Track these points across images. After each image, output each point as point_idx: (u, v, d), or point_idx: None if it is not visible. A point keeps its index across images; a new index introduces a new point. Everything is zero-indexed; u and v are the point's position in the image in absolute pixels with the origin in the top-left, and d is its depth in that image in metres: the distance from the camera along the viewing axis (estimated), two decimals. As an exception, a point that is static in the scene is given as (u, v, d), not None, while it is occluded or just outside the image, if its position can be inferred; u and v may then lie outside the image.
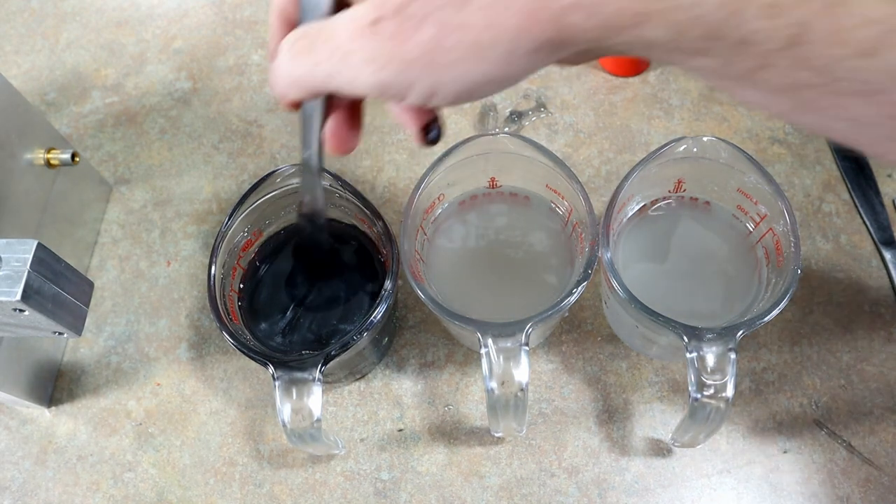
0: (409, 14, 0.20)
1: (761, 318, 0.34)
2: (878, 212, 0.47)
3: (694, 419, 0.34)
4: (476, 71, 0.21)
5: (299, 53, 0.23)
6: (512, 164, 0.40)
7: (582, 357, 0.44)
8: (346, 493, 0.41)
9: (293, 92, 0.24)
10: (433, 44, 0.20)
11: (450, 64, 0.20)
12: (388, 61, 0.21)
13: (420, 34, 0.20)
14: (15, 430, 0.44)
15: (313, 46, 0.23)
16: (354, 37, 0.21)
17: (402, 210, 0.42)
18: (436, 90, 0.21)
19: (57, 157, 0.43)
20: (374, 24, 0.21)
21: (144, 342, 0.46)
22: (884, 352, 0.43)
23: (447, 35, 0.20)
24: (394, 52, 0.21)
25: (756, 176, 0.38)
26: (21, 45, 0.59)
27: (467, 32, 0.20)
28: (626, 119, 0.52)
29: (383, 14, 0.21)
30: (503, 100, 0.53)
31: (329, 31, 0.22)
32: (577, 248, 0.40)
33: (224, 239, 0.38)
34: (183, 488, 0.42)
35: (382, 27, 0.21)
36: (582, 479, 0.40)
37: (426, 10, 0.20)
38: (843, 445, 0.40)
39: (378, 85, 0.22)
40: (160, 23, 0.59)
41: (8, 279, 0.28)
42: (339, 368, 0.40)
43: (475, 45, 0.20)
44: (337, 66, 0.22)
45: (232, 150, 0.53)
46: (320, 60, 0.22)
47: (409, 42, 0.20)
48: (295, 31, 0.24)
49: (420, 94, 0.22)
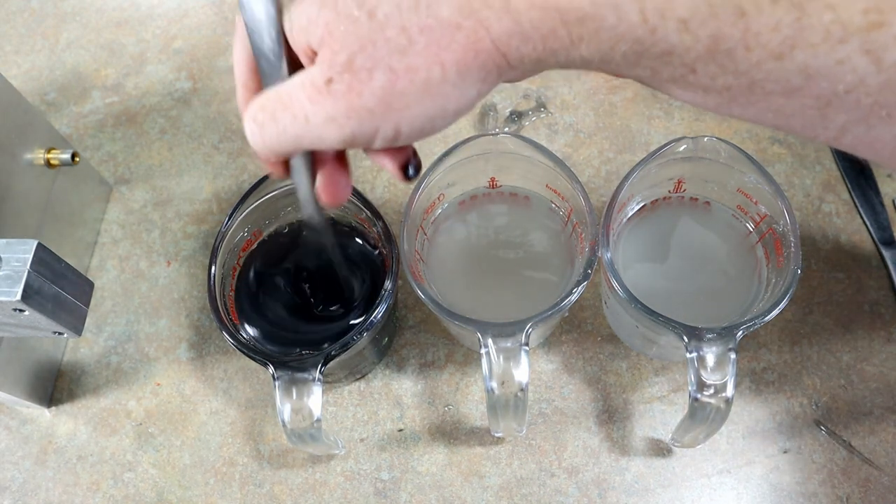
0: (358, 68, 0.21)
1: (761, 318, 0.34)
2: (878, 212, 0.47)
3: (694, 419, 0.34)
4: (432, 106, 0.22)
5: (264, 124, 0.24)
6: (512, 164, 0.40)
7: (582, 357, 0.44)
8: (346, 493, 0.41)
9: (272, 157, 0.26)
10: (386, 90, 0.21)
11: (406, 106, 0.22)
12: (348, 116, 0.22)
13: (372, 85, 0.21)
14: (15, 430, 0.44)
15: (275, 115, 0.24)
16: (312, 99, 0.22)
17: (402, 210, 0.42)
18: (399, 131, 0.23)
19: (57, 157, 0.43)
20: (328, 83, 0.22)
21: (144, 342, 0.46)
22: (884, 352, 0.43)
23: (398, 80, 0.21)
24: (351, 106, 0.22)
25: (756, 176, 0.38)
26: (21, 45, 0.59)
27: (417, 73, 0.21)
28: (626, 119, 0.52)
29: (333, 73, 0.22)
30: (503, 100, 0.53)
31: (286, 97, 0.23)
32: (577, 248, 0.40)
33: (224, 239, 0.38)
34: (183, 488, 0.42)
35: (335, 86, 0.22)
36: (582, 479, 0.40)
37: (372, 61, 0.21)
38: (843, 445, 0.40)
39: (344, 139, 0.23)
40: (160, 23, 0.59)
41: (8, 279, 0.28)
42: (339, 368, 0.40)
43: (426, 83, 0.21)
44: (301, 130, 0.23)
45: (232, 150, 0.53)
46: (285, 127, 0.24)
47: (364, 95, 0.21)
48: (253, 103, 0.25)
49: (385, 138, 0.23)
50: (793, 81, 0.18)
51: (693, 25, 0.18)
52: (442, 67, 0.21)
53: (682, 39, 0.18)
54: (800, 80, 0.18)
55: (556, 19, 0.19)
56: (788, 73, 0.18)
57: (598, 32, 0.19)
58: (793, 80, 0.18)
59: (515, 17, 0.20)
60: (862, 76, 0.17)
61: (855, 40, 0.16)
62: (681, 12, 0.18)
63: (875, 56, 0.16)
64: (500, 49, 0.20)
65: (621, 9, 0.18)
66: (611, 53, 0.19)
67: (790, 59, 0.17)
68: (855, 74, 0.17)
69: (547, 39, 0.20)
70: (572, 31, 0.19)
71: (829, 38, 0.16)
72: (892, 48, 0.16)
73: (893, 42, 0.16)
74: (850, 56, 0.16)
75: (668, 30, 0.18)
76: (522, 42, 0.20)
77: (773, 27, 0.17)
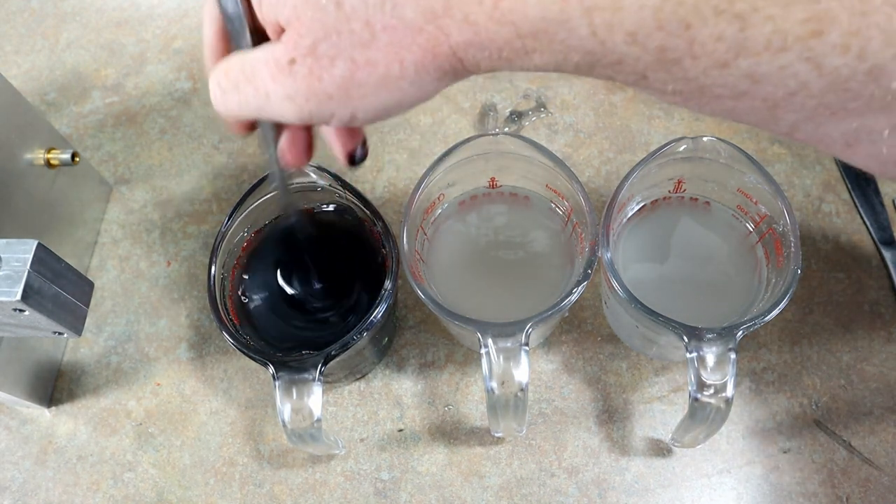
0: (320, 54, 0.22)
1: (761, 318, 0.34)
2: (878, 212, 0.47)
3: (694, 419, 0.34)
4: (388, 98, 0.23)
5: (227, 91, 0.25)
6: (512, 164, 0.40)
7: (582, 357, 0.44)
8: (346, 493, 0.41)
9: (233, 120, 0.27)
10: (346, 80, 0.22)
11: (363, 96, 0.23)
12: (307, 98, 0.23)
13: (333, 72, 0.22)
14: (15, 430, 0.44)
15: (237, 85, 0.25)
16: (274, 76, 0.23)
17: (402, 210, 0.42)
18: (354, 116, 0.24)
19: (57, 157, 0.43)
20: (290, 64, 0.23)
21: (144, 342, 0.46)
22: (884, 352, 0.43)
23: (358, 71, 0.22)
24: (311, 89, 0.23)
25: (756, 176, 0.38)
26: (21, 45, 0.59)
27: (376, 68, 0.22)
28: (626, 119, 0.52)
29: (297, 55, 0.22)
30: (503, 100, 0.53)
31: (250, 69, 0.24)
32: (577, 248, 0.40)
33: (224, 239, 0.38)
34: (183, 488, 0.42)
35: (297, 67, 0.23)
36: (582, 479, 0.40)
37: (336, 49, 0.22)
38: (843, 445, 0.40)
39: (301, 117, 0.24)
40: (160, 23, 0.59)
41: (8, 279, 0.28)
42: (339, 368, 0.40)
43: (385, 77, 0.22)
44: (261, 103, 0.24)
45: (232, 150, 0.53)
46: (246, 98, 0.25)
47: (324, 80, 0.22)
48: (218, 68, 0.26)
49: (341, 120, 0.24)
50: (739, 86, 0.19)
51: (640, 38, 0.19)
52: (401, 65, 0.22)
53: (631, 51, 0.19)
54: (746, 85, 0.18)
55: (512, 32, 0.20)
56: (735, 80, 0.18)
57: (550, 45, 0.20)
58: (739, 86, 0.19)
59: (474, 29, 0.20)
60: (804, 81, 0.18)
61: (795, 48, 0.17)
62: (628, 26, 0.18)
63: (815, 63, 0.17)
64: (458, 55, 0.21)
65: (571, 24, 0.19)
66: (564, 63, 0.21)
67: (735, 66, 0.18)
68: (797, 79, 0.18)
69: (502, 50, 0.21)
70: (526, 43, 0.20)
71: (771, 46, 0.17)
72: (830, 55, 0.17)
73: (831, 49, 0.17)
74: (791, 63, 0.17)
75: (616, 42, 0.19)
76: (479, 50, 0.21)
77: (717, 37, 0.18)
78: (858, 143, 0.19)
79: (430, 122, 0.52)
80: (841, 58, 0.17)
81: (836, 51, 0.17)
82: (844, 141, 0.19)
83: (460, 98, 0.53)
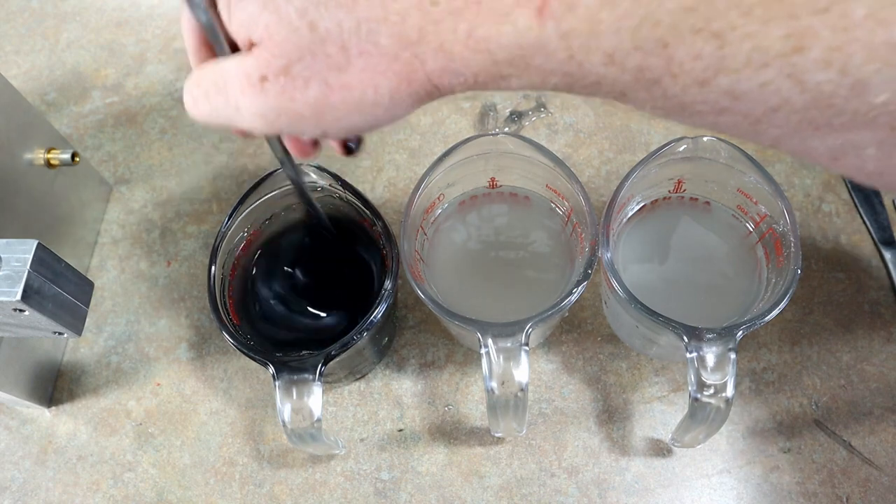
0: (294, 75, 0.22)
1: (761, 318, 0.34)
2: (878, 212, 0.47)
3: (694, 419, 0.34)
4: (361, 121, 0.23)
5: (198, 100, 0.25)
6: (512, 164, 0.40)
7: (582, 357, 0.44)
8: (346, 493, 0.41)
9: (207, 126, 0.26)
10: (320, 102, 0.22)
11: (336, 118, 0.23)
12: (278, 116, 0.23)
13: (306, 93, 0.22)
14: (15, 430, 0.44)
15: (208, 95, 0.24)
16: (244, 91, 0.23)
17: (402, 210, 0.42)
18: (326, 133, 0.24)
19: (57, 157, 0.43)
20: (262, 81, 0.22)
21: (144, 342, 0.46)
22: (884, 352, 0.43)
23: (332, 94, 0.22)
24: (282, 107, 0.23)
25: (756, 176, 0.38)
26: (21, 45, 0.59)
27: (351, 92, 0.22)
28: (626, 119, 0.52)
29: (269, 73, 0.22)
30: (503, 100, 0.53)
31: (221, 81, 0.24)
32: (577, 248, 0.40)
33: (224, 239, 0.38)
34: (183, 488, 0.42)
35: (269, 86, 0.22)
36: (582, 479, 0.40)
37: (310, 71, 0.22)
38: (843, 445, 0.40)
39: (272, 132, 0.24)
40: (160, 23, 0.59)
41: (8, 279, 0.28)
42: (339, 368, 0.40)
43: (359, 102, 0.22)
44: (232, 115, 0.24)
45: (232, 150, 0.53)
46: (217, 108, 0.24)
47: (297, 101, 0.22)
48: (192, 76, 0.25)
49: (311, 136, 0.24)
50: (720, 103, 0.18)
51: (618, 59, 0.18)
52: (375, 91, 0.22)
53: (609, 72, 0.19)
54: (727, 101, 0.18)
55: (488, 59, 0.20)
56: (715, 97, 0.18)
57: (527, 70, 0.20)
58: (720, 102, 0.18)
59: (449, 56, 0.20)
60: (786, 97, 0.17)
61: (776, 65, 0.17)
62: (606, 48, 0.18)
63: (797, 79, 0.17)
64: (433, 81, 0.21)
65: (548, 49, 0.19)
66: (542, 85, 0.20)
67: (715, 84, 0.18)
68: (779, 96, 0.17)
69: (478, 76, 0.21)
70: (502, 69, 0.20)
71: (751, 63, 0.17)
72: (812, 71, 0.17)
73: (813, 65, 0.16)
74: (772, 79, 0.17)
75: (594, 64, 0.19)
76: (454, 76, 0.21)
77: (695, 56, 0.17)
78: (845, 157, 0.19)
79: (430, 122, 0.52)
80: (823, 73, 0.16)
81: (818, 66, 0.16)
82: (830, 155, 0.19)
83: (460, 98, 0.53)
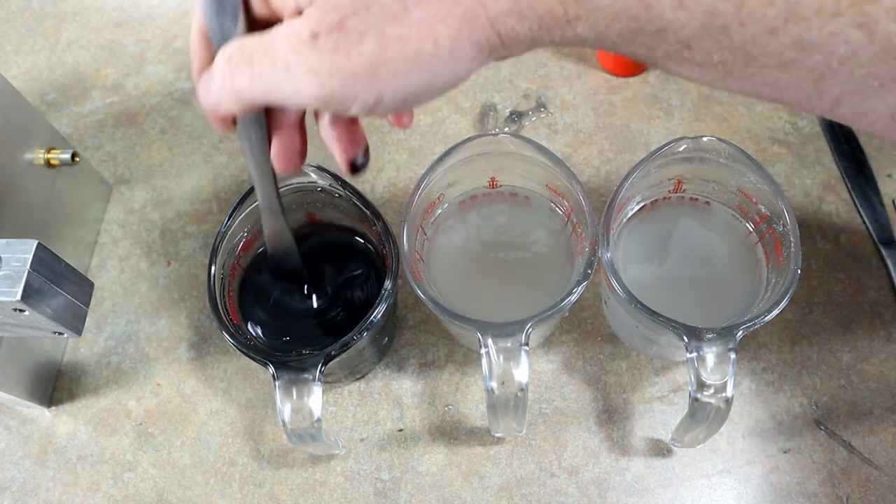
0: (349, 29, 0.20)
1: (761, 318, 0.34)
2: (878, 212, 0.47)
3: (694, 419, 0.34)
4: (419, 80, 0.21)
5: (238, 66, 0.23)
6: (512, 164, 0.40)
7: (582, 357, 0.44)
8: (346, 493, 0.41)
9: (229, 104, 0.24)
10: (375, 57, 0.21)
11: (393, 75, 0.21)
12: (331, 74, 0.21)
13: (361, 48, 0.21)
14: (15, 430, 0.44)
15: (252, 58, 0.23)
16: (296, 49, 0.21)
17: (402, 210, 0.42)
18: (380, 100, 0.22)
19: (57, 157, 0.43)
20: (314, 38, 0.21)
21: (144, 342, 0.46)
22: (884, 352, 0.43)
23: (388, 47, 0.20)
24: (336, 65, 0.21)
25: (756, 176, 0.38)
26: (21, 45, 0.59)
27: (408, 44, 0.20)
28: (626, 119, 0.52)
29: (321, 30, 0.21)
30: (503, 100, 0.53)
31: (268, 43, 0.22)
32: (577, 248, 0.40)
33: (224, 239, 0.38)
34: (183, 488, 0.42)
35: (322, 41, 0.21)
36: (582, 479, 0.40)
37: (365, 25, 0.20)
38: (843, 445, 0.40)
39: (321, 97, 0.22)
40: (160, 23, 0.59)
41: (8, 279, 0.28)
42: (339, 368, 0.40)
43: (417, 55, 0.21)
44: (278, 78, 0.22)
45: (232, 150, 0.53)
46: (261, 71, 0.22)
47: (351, 56, 0.21)
48: (229, 44, 0.24)
49: (363, 105, 0.22)
50: (787, 55, 0.18)
51: (688, 2, 0.18)
52: (435, 41, 0.20)
53: (677, 16, 0.18)
54: (794, 53, 0.18)
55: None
56: (783, 47, 0.18)
57: (594, 11, 0.19)
58: (787, 54, 0.18)
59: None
60: (855, 48, 0.17)
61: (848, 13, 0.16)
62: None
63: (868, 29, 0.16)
64: (496, 27, 0.20)
65: None
66: (606, 32, 0.20)
67: (784, 32, 0.17)
68: (848, 46, 0.17)
69: (543, 18, 0.20)
70: (569, 10, 0.19)
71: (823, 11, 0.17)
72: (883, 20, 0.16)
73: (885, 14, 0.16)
74: (842, 29, 0.17)
75: (663, 7, 0.18)
76: (519, 21, 0.20)
77: (768, 2, 0.17)
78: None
79: (430, 122, 0.52)
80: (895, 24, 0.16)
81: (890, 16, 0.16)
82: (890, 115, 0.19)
83: (460, 98, 0.53)
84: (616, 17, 0.19)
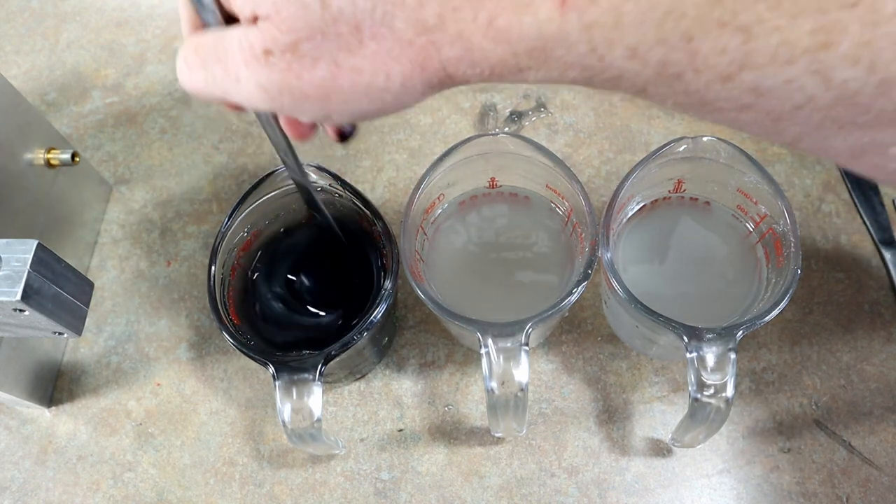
0: (303, 53, 0.21)
1: (761, 318, 0.34)
2: (878, 212, 0.47)
3: (694, 419, 0.34)
4: (368, 107, 0.22)
5: (194, 68, 0.24)
6: (512, 164, 0.40)
7: (582, 357, 0.44)
8: (346, 493, 0.41)
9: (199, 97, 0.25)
10: (327, 83, 0.21)
11: (344, 102, 0.22)
12: (280, 92, 0.22)
13: (314, 73, 0.21)
14: (15, 430, 0.44)
15: (206, 64, 0.23)
16: (247, 63, 0.22)
17: (402, 210, 0.42)
18: (328, 117, 0.23)
19: (57, 157, 0.43)
20: (266, 54, 0.21)
21: (144, 342, 0.46)
22: (884, 352, 0.43)
23: (341, 76, 0.21)
24: (286, 84, 0.21)
25: (756, 176, 0.38)
26: (21, 45, 0.59)
27: (361, 75, 0.21)
28: (626, 119, 0.52)
29: (276, 48, 0.21)
30: (503, 100, 0.53)
31: (221, 49, 0.23)
32: (577, 248, 0.40)
33: (224, 239, 0.38)
34: (183, 488, 0.42)
35: (275, 60, 0.21)
36: (582, 479, 0.40)
37: (319, 51, 0.21)
38: (843, 445, 0.40)
39: (272, 108, 0.23)
40: (160, 23, 0.59)
41: (8, 279, 0.28)
42: (339, 368, 0.40)
43: (368, 87, 0.21)
44: (230, 87, 0.23)
45: (232, 150, 0.53)
46: (214, 78, 0.23)
47: (303, 78, 0.21)
48: (188, 43, 0.24)
49: (312, 118, 0.23)
50: (743, 100, 0.18)
51: (641, 52, 0.18)
52: (387, 76, 0.21)
53: (631, 66, 0.18)
54: (750, 98, 0.18)
55: (507, 50, 0.19)
56: (738, 93, 0.18)
57: (546, 62, 0.19)
58: (743, 99, 0.18)
59: (467, 45, 0.20)
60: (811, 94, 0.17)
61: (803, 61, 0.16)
62: (629, 41, 0.18)
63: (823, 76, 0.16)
64: (448, 70, 0.21)
65: (569, 41, 0.18)
66: (561, 78, 0.20)
67: (739, 80, 0.17)
68: (804, 93, 0.17)
69: (495, 67, 0.20)
70: (521, 61, 0.19)
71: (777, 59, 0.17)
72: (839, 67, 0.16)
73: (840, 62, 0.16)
74: (798, 76, 0.17)
75: (616, 57, 0.18)
76: (470, 67, 0.20)
77: (721, 51, 0.17)
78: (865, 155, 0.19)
79: (430, 122, 0.52)
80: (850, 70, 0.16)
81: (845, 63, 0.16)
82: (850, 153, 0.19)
83: (460, 98, 0.53)
84: (569, 66, 0.19)
